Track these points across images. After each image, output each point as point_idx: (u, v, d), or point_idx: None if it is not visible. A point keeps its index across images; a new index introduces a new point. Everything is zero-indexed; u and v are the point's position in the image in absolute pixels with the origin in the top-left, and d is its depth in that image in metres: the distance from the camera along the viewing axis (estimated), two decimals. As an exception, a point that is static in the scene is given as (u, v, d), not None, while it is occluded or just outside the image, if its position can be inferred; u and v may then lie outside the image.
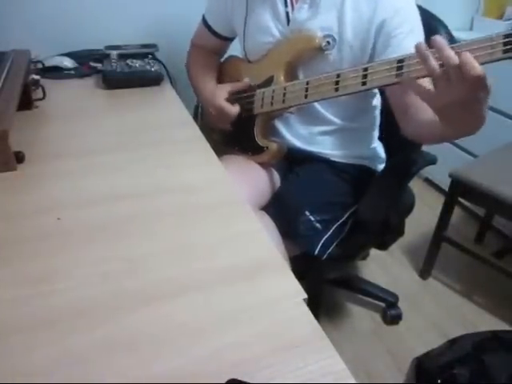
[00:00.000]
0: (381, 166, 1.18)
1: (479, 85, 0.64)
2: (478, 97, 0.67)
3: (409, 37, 0.89)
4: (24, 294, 0.55)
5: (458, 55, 0.64)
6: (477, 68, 0.62)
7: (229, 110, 1.06)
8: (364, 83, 0.82)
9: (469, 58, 0.63)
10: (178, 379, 0.45)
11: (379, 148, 1.19)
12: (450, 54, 0.64)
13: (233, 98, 1.09)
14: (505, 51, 0.64)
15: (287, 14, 1.00)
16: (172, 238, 0.66)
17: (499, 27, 1.94)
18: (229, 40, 1.21)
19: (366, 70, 0.81)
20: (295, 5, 0.99)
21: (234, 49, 1.22)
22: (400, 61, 0.76)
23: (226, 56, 1.26)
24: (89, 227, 0.67)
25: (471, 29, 2.10)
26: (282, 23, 1.01)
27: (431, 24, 1.10)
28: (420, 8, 1.13)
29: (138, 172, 0.83)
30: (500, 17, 2.01)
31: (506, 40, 0.63)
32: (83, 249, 0.63)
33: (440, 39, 0.65)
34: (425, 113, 0.84)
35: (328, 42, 0.96)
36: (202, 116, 1.29)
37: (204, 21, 1.18)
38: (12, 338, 0.49)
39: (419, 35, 0.92)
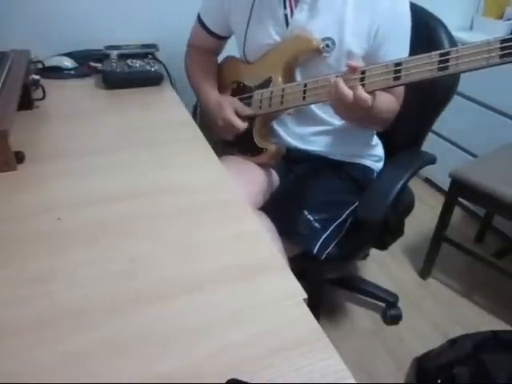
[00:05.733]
0: (379, 165, 1.18)
1: (367, 110, 0.81)
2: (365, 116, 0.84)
3: (395, 47, 0.94)
4: (24, 293, 0.54)
5: (353, 91, 0.78)
6: (367, 101, 0.78)
7: (238, 125, 1.04)
8: (362, 86, 0.82)
9: (360, 93, 0.78)
10: (178, 379, 0.45)
11: (378, 147, 1.19)
12: (346, 92, 0.79)
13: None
14: (502, 56, 0.64)
15: (286, 16, 1.00)
16: (172, 238, 0.66)
17: (499, 27, 1.94)
18: (225, 39, 1.21)
19: (363, 72, 0.81)
20: (294, 7, 0.99)
21: (231, 49, 1.22)
22: (398, 64, 0.76)
23: (223, 56, 1.26)
24: (89, 227, 0.67)
25: (471, 29, 2.11)
26: (280, 25, 1.01)
27: (431, 24, 1.10)
28: (420, 8, 1.14)
29: (137, 172, 0.83)
30: (500, 17, 2.01)
31: (503, 45, 0.63)
32: (83, 249, 0.63)
33: (335, 79, 0.81)
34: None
35: (327, 45, 0.96)
36: (202, 116, 1.29)
37: (200, 21, 1.17)
38: (12, 337, 0.49)
39: (405, 46, 0.96)
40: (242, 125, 1.04)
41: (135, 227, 0.67)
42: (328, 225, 1.04)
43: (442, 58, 0.71)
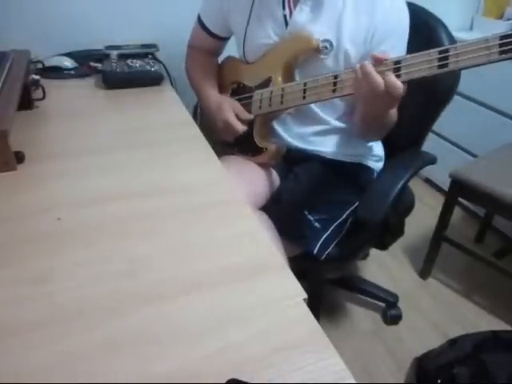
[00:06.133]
0: (379, 165, 1.18)
1: (398, 99, 0.79)
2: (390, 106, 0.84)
3: (390, 50, 0.90)
4: (24, 293, 0.54)
5: (384, 78, 0.75)
6: (400, 88, 0.75)
7: (237, 128, 1.04)
8: None
9: (393, 81, 0.74)
10: (178, 379, 0.45)
11: (378, 147, 1.19)
12: (378, 80, 0.75)
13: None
14: (501, 52, 0.64)
15: (285, 16, 1.00)
16: (172, 238, 0.65)
17: (499, 27, 1.94)
18: (225, 40, 1.21)
19: None
20: (293, 8, 0.99)
21: (230, 49, 1.22)
22: (397, 62, 0.76)
23: (223, 56, 1.26)
24: (89, 227, 0.67)
25: (471, 29, 2.11)
26: (279, 26, 1.01)
27: (431, 24, 1.10)
28: (420, 8, 1.13)
29: (138, 172, 0.83)
30: (500, 17, 2.01)
31: (502, 41, 0.64)
32: (82, 249, 0.62)
33: (368, 64, 0.77)
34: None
35: (325, 47, 0.96)
36: (202, 116, 1.29)
37: (200, 22, 1.18)
38: (12, 337, 0.49)
39: (401, 49, 0.94)
40: (241, 128, 1.04)
41: (135, 227, 0.67)
42: (328, 225, 1.04)
43: (442, 56, 0.71)
